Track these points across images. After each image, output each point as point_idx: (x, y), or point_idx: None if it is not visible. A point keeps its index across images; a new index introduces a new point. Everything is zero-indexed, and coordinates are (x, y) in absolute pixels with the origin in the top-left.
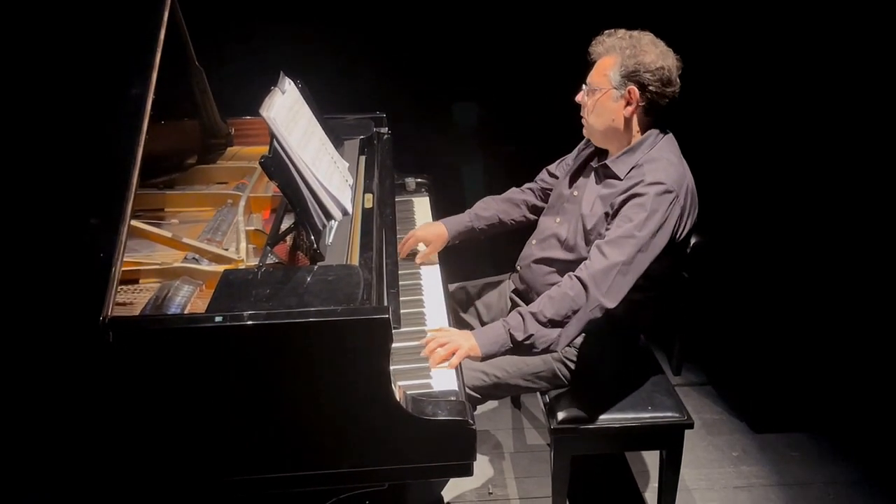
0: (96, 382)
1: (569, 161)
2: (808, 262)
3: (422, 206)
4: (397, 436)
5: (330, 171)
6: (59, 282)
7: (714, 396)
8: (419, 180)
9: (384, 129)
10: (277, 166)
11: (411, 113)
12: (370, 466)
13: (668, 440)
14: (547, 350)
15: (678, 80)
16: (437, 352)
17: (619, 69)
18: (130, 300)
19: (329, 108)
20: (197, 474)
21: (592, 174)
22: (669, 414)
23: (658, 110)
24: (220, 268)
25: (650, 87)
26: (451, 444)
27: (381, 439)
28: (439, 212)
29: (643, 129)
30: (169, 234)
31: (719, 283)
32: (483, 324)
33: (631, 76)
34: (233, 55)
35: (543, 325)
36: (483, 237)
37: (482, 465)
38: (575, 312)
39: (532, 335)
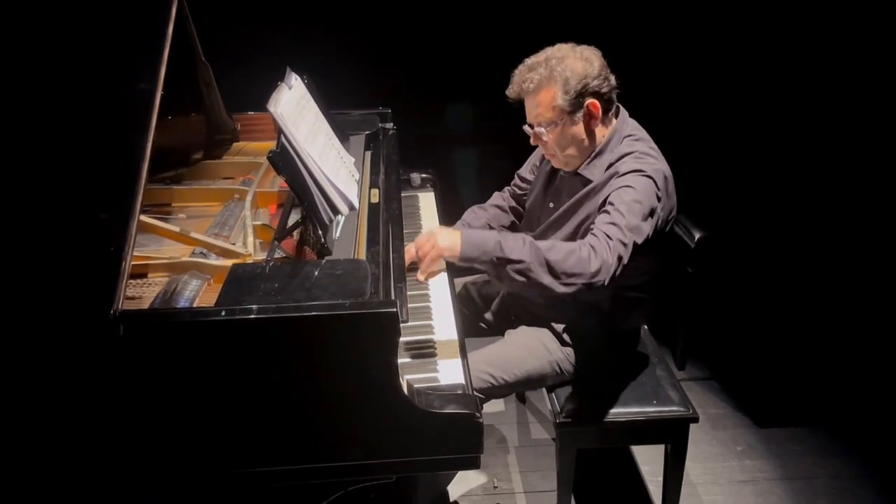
0: (107, 376)
1: (535, 162)
2: (812, 257)
3: (427, 201)
4: (404, 429)
5: (336, 166)
6: (70, 275)
7: (718, 391)
8: (424, 175)
9: (389, 125)
10: (285, 161)
11: (416, 108)
12: (377, 459)
13: (673, 434)
14: (525, 285)
15: None
16: (411, 252)
17: (564, 95)
18: (139, 294)
19: (334, 103)
20: (205, 467)
21: (567, 185)
22: (674, 408)
23: (611, 104)
24: (228, 262)
25: (603, 90)
26: (459, 437)
27: (388, 432)
28: (445, 207)
29: (606, 127)
30: (177, 229)
31: (723, 278)
32: (485, 320)
33: (582, 93)
34: (238, 50)
35: (541, 264)
36: None
37: (487, 460)
38: (577, 275)
39: (524, 262)
